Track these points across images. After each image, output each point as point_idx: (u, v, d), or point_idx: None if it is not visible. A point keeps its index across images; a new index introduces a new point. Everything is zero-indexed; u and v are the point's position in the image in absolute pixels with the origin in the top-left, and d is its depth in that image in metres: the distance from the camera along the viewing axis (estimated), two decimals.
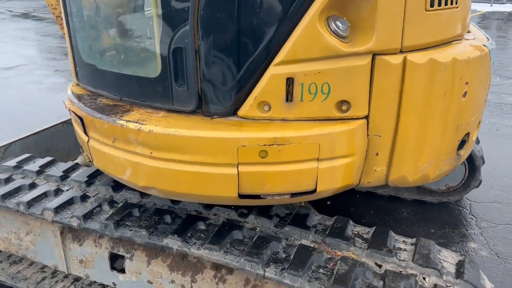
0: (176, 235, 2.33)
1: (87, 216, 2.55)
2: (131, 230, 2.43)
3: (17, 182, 2.94)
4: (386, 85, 2.15)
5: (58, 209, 2.62)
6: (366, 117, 2.21)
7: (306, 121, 2.16)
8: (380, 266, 2.17)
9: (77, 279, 2.92)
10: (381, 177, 2.39)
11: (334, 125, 2.14)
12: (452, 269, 2.15)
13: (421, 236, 2.45)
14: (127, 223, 2.50)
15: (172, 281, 2.61)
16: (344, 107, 2.16)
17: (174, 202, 2.65)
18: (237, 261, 2.17)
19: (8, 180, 2.98)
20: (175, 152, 2.13)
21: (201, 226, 2.42)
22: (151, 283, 2.69)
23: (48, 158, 3.25)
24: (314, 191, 2.22)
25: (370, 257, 2.22)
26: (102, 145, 2.37)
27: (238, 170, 2.11)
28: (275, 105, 2.15)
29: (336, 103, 2.14)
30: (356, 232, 2.41)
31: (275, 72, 2.08)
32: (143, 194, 2.74)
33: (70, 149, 4.85)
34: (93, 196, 2.78)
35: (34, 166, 3.13)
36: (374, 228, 2.42)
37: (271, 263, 2.16)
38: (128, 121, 2.19)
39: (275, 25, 2.03)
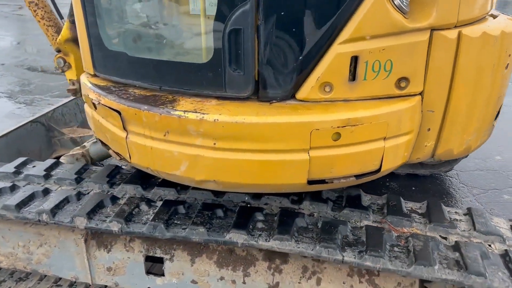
0: (237, 229, 2.20)
1: (128, 219, 2.33)
2: (184, 229, 2.26)
3: (26, 189, 2.62)
4: (442, 60, 2.17)
5: (91, 215, 2.37)
6: (421, 93, 2.22)
7: (369, 100, 2.13)
8: (446, 239, 2.22)
9: None
10: (429, 152, 2.43)
11: (399, 102, 2.13)
12: (510, 234, 2.25)
13: None
14: (176, 221, 2.32)
15: (221, 278, 2.48)
16: (403, 84, 2.15)
17: (217, 195, 2.51)
18: (312, 249, 2.11)
19: (13, 188, 2.63)
20: (242, 141, 2.00)
21: (259, 217, 2.31)
22: (196, 282, 2.54)
23: (51, 160, 2.93)
24: (378, 170, 2.20)
25: (434, 230, 2.26)
26: (149, 140, 2.16)
27: (309, 155, 2.03)
28: (337, 85, 2.09)
29: (396, 80, 2.13)
30: (410, 208, 2.44)
31: (340, 50, 2.01)
32: (179, 190, 2.56)
33: (41, 149, 4.44)
34: (123, 197, 2.54)
35: (37, 170, 2.80)
36: (425, 202, 2.46)
37: (345, 247, 2.12)
38: (186, 111, 2.02)
39: (342, 1, 1.96)
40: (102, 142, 2.56)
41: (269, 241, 2.16)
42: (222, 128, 1.98)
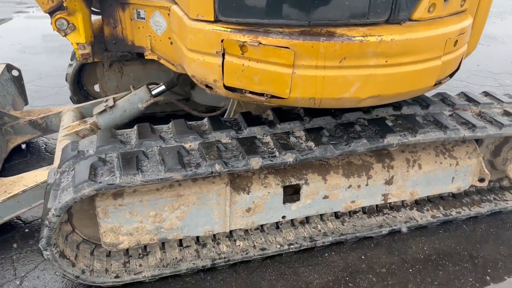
0: (390, 133, 2.67)
1: (287, 147, 2.52)
2: (347, 144, 2.59)
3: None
4: None
5: (253, 155, 2.47)
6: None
7: (453, 16, 2.81)
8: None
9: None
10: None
11: (468, 17, 2.87)
12: None
13: None
14: (332, 141, 2.61)
15: (349, 186, 2.91)
16: (463, 3, 2.90)
17: (336, 118, 2.85)
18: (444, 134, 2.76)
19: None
20: (408, 55, 2.45)
21: (389, 123, 2.81)
22: (327, 197, 2.90)
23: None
24: (459, 68, 2.95)
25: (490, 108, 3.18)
26: (320, 70, 2.37)
27: (441, 60, 2.63)
28: (438, 6, 2.70)
29: (461, 0, 2.86)
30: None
31: None
32: (302, 120, 2.81)
33: None
34: (264, 136, 2.66)
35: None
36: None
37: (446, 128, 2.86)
38: (365, 35, 2.33)
39: None
40: (232, 90, 2.54)
41: (415, 136, 2.71)
42: (396, 46, 2.38)
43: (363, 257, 2.86)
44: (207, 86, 2.67)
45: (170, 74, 4.55)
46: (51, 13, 3.11)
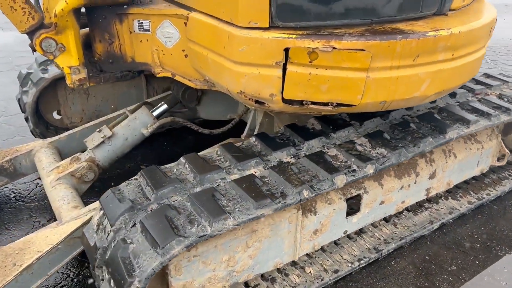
0: (450, 127, 2.60)
1: (362, 158, 2.33)
2: (416, 145, 2.46)
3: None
4: None
5: (334, 171, 2.22)
6: None
7: (474, 3, 2.81)
8: None
9: None
10: None
11: (487, 3, 2.90)
12: None
13: None
14: (398, 144, 2.46)
15: (401, 187, 2.80)
16: None
17: (383, 117, 2.71)
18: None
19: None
20: (468, 46, 2.37)
21: (437, 116, 2.73)
22: (383, 202, 2.76)
23: None
24: None
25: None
26: (394, 71, 2.20)
27: (485, 48, 2.61)
28: None
29: None
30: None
31: None
32: (351, 118, 2.64)
33: None
34: (327, 148, 2.42)
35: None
36: None
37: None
38: (437, 29, 2.20)
39: None
40: (290, 102, 2.26)
41: (468, 127, 2.66)
42: (462, 38, 2.29)
43: (427, 257, 2.77)
44: (257, 102, 2.34)
45: (142, 92, 4.07)
46: (32, 32, 2.50)
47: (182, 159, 2.28)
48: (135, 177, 2.20)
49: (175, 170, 2.23)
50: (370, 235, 2.81)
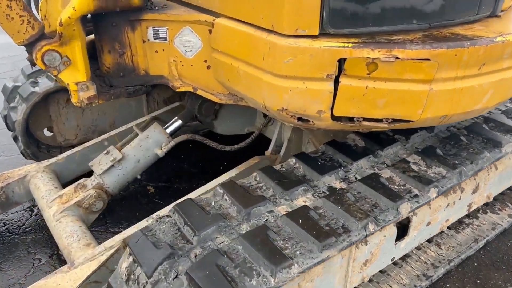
0: (503, 141, 2.38)
1: (422, 180, 2.07)
2: (471, 162, 2.22)
3: None
4: None
5: (397, 198, 1.96)
6: None
7: None
8: None
9: None
10: None
11: None
12: None
13: None
14: (453, 161, 2.22)
15: (447, 205, 2.56)
16: None
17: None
18: None
19: None
20: None
21: (485, 127, 2.51)
22: (430, 223, 2.51)
23: None
24: None
25: None
26: (458, 82, 1.95)
27: None
28: None
29: None
30: None
31: None
32: (395, 133, 2.38)
33: None
34: (378, 168, 2.15)
35: None
36: None
37: None
38: (503, 34, 1.96)
39: None
40: (339, 119, 1.98)
41: None
42: None
43: (478, 281, 2.55)
44: (300, 119, 2.05)
45: (141, 103, 3.72)
46: (31, 44, 2.14)
47: (219, 189, 1.97)
48: (167, 213, 1.87)
49: (213, 203, 1.91)
50: (416, 259, 2.56)
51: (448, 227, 2.80)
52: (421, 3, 1.92)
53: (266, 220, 1.82)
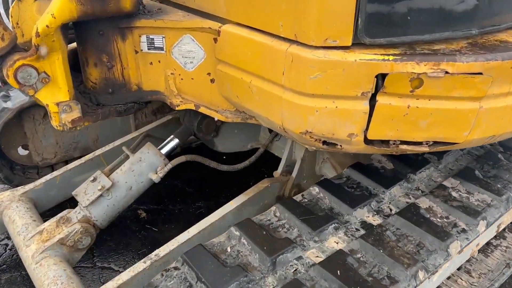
0: None
1: (467, 211, 1.81)
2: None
3: None
4: None
5: (445, 236, 1.68)
6: None
7: None
8: None
9: None
10: None
11: None
12: None
13: None
14: (499, 181, 1.97)
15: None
16: None
17: None
18: None
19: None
20: None
21: None
22: (462, 250, 2.25)
23: None
24: None
25: None
26: (509, 98, 1.69)
27: None
28: None
29: None
30: None
31: None
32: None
33: None
34: (416, 197, 1.86)
35: None
36: None
37: None
38: None
39: None
40: (373, 143, 1.70)
41: None
42: None
43: None
44: (325, 143, 1.75)
45: (128, 117, 3.36)
46: (1, 58, 1.77)
47: (234, 231, 1.65)
48: (174, 264, 1.54)
49: (229, 249, 1.60)
50: None
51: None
52: (471, 5, 1.64)
53: (295, 270, 1.51)
